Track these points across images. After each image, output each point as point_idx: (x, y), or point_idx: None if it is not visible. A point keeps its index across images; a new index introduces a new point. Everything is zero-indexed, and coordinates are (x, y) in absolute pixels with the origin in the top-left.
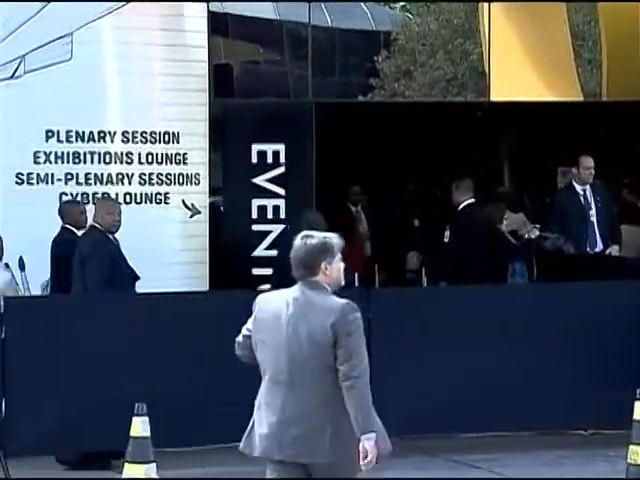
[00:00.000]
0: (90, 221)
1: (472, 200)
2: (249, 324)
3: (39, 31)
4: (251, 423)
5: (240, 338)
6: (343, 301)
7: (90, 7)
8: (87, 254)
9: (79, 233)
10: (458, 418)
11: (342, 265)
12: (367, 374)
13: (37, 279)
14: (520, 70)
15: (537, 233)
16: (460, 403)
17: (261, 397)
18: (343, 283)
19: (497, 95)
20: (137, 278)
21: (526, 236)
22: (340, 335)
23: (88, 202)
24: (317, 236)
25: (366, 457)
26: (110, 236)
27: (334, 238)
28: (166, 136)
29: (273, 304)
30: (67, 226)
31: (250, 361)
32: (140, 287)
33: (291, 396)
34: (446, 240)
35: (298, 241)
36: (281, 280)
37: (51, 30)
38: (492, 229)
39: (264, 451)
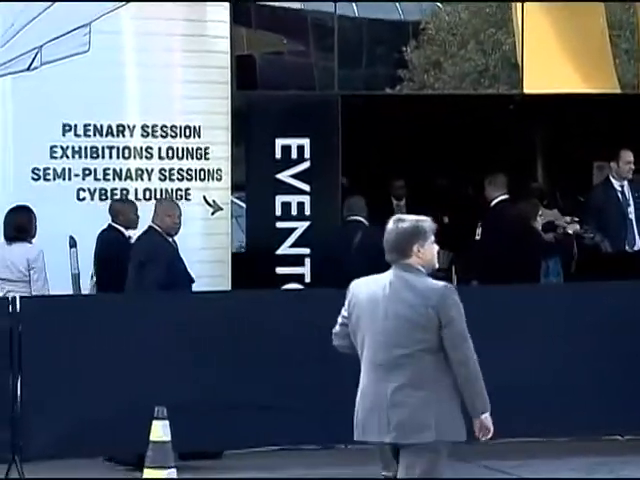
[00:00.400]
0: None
1: (506, 196)
2: (344, 312)
3: (56, 22)
4: (356, 408)
5: (337, 328)
6: (442, 283)
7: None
8: (146, 256)
9: (127, 233)
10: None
11: (436, 247)
12: (475, 355)
13: (56, 276)
14: (554, 61)
15: (577, 227)
16: (491, 406)
17: (361, 380)
18: (437, 266)
19: (530, 87)
20: (192, 281)
21: (565, 230)
22: (442, 318)
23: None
24: (409, 219)
25: (486, 432)
26: (169, 238)
27: (426, 221)
28: (187, 130)
29: (368, 288)
30: (115, 225)
31: (349, 351)
32: None
33: (389, 378)
34: (477, 237)
35: (390, 225)
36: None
37: (68, 21)
38: (525, 226)
39: (368, 434)
